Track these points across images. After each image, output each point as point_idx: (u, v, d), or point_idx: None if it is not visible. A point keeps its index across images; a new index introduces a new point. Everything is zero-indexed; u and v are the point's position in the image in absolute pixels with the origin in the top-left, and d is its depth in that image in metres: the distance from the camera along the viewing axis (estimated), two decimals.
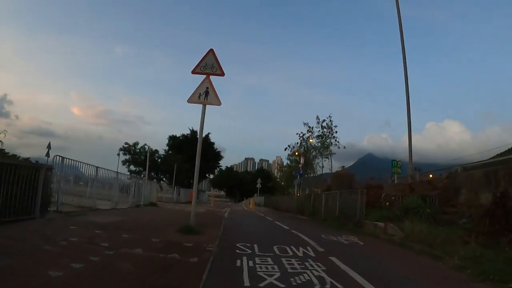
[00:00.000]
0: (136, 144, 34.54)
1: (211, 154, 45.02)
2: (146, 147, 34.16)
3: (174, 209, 18.92)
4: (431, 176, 18.98)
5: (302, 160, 31.18)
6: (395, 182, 20.92)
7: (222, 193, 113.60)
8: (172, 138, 43.74)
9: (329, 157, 39.12)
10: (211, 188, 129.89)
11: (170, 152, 40.84)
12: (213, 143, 46.30)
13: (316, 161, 39.51)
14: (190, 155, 41.59)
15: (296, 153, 44.12)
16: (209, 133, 45.92)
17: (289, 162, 49.81)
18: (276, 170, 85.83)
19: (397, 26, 17.44)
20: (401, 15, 16.57)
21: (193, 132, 44.29)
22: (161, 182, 34.89)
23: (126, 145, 33.57)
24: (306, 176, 36.05)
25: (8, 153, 7.47)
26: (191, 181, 46.25)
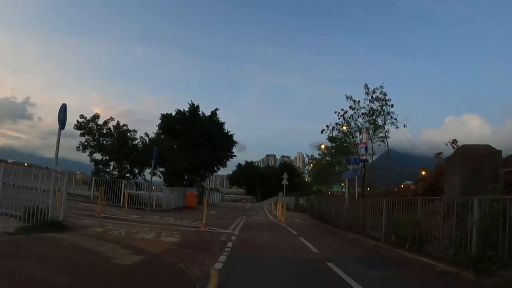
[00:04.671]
0: (96, 117, 21.38)
1: (221, 138, 31.78)
2: (113, 123, 21.23)
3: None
4: None
5: (364, 138, 18.32)
6: None
7: (242, 190, 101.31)
8: (164, 118, 30.45)
9: (385, 141, 26.38)
10: (231, 186, 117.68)
11: (162, 136, 28.40)
12: (223, 123, 32.71)
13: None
14: (187, 138, 29.30)
15: (323, 147, 32.55)
16: (216, 109, 32.23)
17: (321, 152, 37.20)
18: (303, 164, 72.70)
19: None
20: None
21: (194, 108, 30.94)
22: (136, 178, 22.68)
23: (81, 119, 20.79)
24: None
25: None
26: (192, 177, 34.06)
